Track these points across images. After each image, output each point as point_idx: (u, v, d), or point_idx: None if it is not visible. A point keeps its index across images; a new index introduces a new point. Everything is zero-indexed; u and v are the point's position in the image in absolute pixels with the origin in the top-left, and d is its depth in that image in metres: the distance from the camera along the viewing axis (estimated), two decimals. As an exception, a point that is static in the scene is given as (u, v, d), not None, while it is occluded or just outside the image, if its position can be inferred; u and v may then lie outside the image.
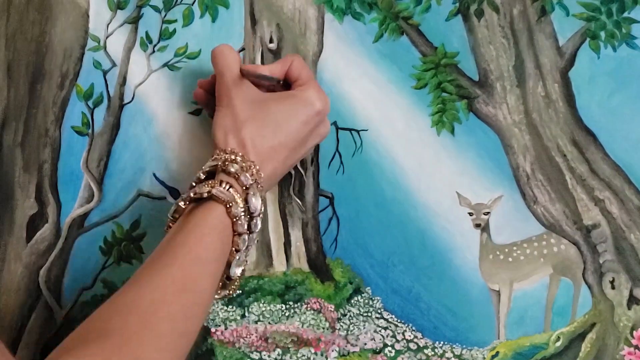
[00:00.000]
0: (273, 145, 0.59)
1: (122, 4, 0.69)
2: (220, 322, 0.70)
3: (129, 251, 0.70)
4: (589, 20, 0.68)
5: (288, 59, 0.64)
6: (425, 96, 0.69)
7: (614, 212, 0.68)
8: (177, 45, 0.70)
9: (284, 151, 0.60)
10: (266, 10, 0.70)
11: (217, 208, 0.55)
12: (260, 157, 0.59)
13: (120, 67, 0.70)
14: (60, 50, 0.69)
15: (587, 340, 0.69)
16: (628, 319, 0.69)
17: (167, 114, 0.70)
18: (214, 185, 0.56)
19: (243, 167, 0.57)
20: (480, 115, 0.69)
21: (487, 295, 0.69)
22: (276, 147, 0.60)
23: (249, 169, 0.57)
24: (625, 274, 0.69)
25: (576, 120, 0.68)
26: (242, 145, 0.58)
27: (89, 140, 0.70)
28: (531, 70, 0.68)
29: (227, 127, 0.60)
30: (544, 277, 0.70)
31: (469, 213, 0.69)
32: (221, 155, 0.58)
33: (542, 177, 0.69)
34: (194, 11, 0.69)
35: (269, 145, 0.59)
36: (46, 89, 0.69)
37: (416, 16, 0.69)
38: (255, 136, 0.59)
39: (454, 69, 0.69)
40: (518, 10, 0.68)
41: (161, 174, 0.70)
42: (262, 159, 0.59)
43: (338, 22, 0.69)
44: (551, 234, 0.69)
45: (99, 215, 0.70)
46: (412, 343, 0.70)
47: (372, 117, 0.69)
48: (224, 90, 0.61)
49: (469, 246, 0.69)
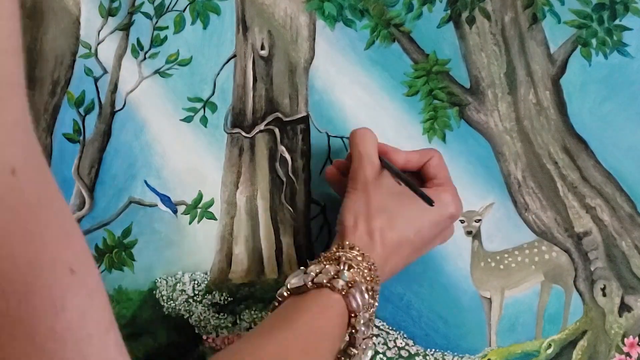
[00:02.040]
0: (401, 241, 0.59)
1: (113, 11, 0.69)
2: (212, 330, 0.70)
3: (120, 258, 0.70)
4: (580, 28, 0.68)
5: (429, 152, 0.64)
6: (417, 103, 0.69)
7: (605, 219, 0.69)
8: (169, 52, 0.69)
9: (409, 248, 0.60)
10: (257, 17, 0.69)
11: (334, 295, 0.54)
12: (387, 250, 0.58)
13: (112, 74, 0.70)
14: (52, 57, 0.69)
15: (579, 347, 0.69)
16: (619, 326, 0.69)
17: (158, 121, 0.70)
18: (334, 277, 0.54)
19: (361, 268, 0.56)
20: (471, 123, 0.69)
21: (478, 303, 0.70)
22: (403, 242, 0.59)
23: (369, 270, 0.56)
24: (616, 281, 0.69)
25: (567, 128, 0.68)
26: (371, 235, 0.58)
27: (80, 147, 0.70)
28: (522, 78, 0.68)
29: (358, 213, 0.59)
30: (535, 284, 0.70)
31: (460, 220, 0.69)
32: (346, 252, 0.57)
33: (534, 184, 0.69)
34: (185, 18, 0.69)
35: (397, 239, 0.59)
36: (37, 96, 0.69)
37: (408, 23, 0.69)
38: (385, 228, 0.58)
39: (446, 76, 0.69)
40: (509, 17, 0.68)
41: (152, 181, 0.70)
42: (388, 252, 0.58)
43: (329, 29, 0.69)
44: (542, 242, 0.69)
45: (90, 222, 0.70)
46: (404, 350, 0.70)
47: (364, 124, 0.69)
48: (361, 174, 0.60)
49: (461, 253, 0.69)
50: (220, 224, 0.70)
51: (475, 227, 0.69)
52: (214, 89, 0.69)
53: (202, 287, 0.70)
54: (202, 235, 0.70)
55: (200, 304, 0.70)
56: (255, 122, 0.70)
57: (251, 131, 0.70)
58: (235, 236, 0.70)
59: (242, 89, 0.70)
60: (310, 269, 0.55)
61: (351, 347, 0.54)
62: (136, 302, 0.70)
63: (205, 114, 0.70)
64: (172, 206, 0.70)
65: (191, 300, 0.70)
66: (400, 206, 0.59)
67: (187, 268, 0.70)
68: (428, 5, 0.68)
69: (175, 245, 0.70)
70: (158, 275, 0.70)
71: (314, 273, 0.55)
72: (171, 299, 0.70)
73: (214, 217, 0.70)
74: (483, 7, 0.68)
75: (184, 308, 0.70)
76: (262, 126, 0.70)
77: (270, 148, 0.70)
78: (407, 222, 0.59)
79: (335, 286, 0.53)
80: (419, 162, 0.64)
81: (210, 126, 0.70)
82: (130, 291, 0.70)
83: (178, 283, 0.70)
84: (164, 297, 0.70)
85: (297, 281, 0.55)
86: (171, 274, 0.70)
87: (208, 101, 0.69)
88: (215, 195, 0.70)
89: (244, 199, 0.70)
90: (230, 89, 0.70)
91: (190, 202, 0.70)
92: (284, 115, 0.70)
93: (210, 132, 0.70)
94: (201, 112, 0.70)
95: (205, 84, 0.69)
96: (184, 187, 0.70)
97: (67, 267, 0.33)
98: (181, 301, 0.70)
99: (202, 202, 0.70)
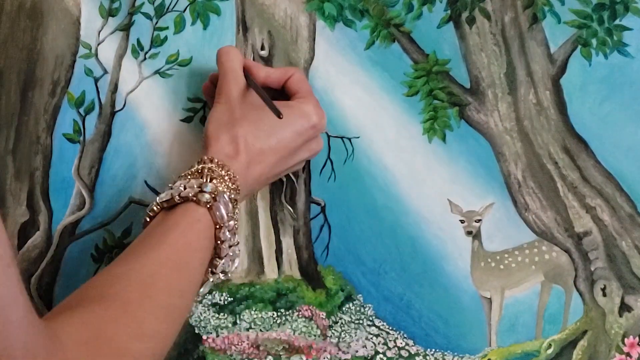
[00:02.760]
0: (263, 148, 0.60)
1: (113, 11, 0.69)
2: (212, 330, 0.70)
3: (121, 258, 0.70)
4: (580, 28, 0.68)
5: (290, 70, 0.66)
6: (417, 103, 0.69)
7: (606, 219, 0.68)
8: (169, 52, 0.69)
9: (273, 156, 0.61)
10: (257, 18, 0.70)
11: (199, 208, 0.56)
12: (250, 156, 0.59)
13: (112, 74, 0.70)
14: (52, 57, 0.69)
15: (579, 347, 0.69)
16: (619, 326, 0.69)
17: (158, 121, 0.70)
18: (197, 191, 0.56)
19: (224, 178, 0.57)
20: (471, 123, 0.69)
21: (478, 303, 0.69)
22: (266, 150, 0.60)
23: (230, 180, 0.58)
24: (616, 281, 0.69)
25: (568, 128, 0.68)
26: (235, 142, 0.59)
27: (81, 147, 0.70)
28: (522, 78, 0.68)
29: (222, 122, 0.61)
30: (535, 284, 0.70)
31: (461, 220, 0.69)
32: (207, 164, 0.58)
33: (534, 184, 0.69)
34: (185, 18, 0.69)
35: (259, 147, 0.60)
36: (37, 97, 0.69)
37: (408, 23, 0.69)
38: (248, 135, 0.60)
39: (446, 76, 0.69)
40: (509, 17, 0.68)
41: (152, 181, 0.70)
42: (251, 158, 0.59)
43: (329, 29, 0.69)
44: (542, 242, 0.69)
45: (91, 222, 0.70)
46: (404, 350, 0.70)
47: (364, 125, 0.69)
48: (225, 89, 0.62)
49: (461, 253, 0.69)
50: (221, 224, 0.70)
51: (476, 227, 0.69)
52: (214, 89, 0.69)
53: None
54: (202, 235, 0.70)
55: (200, 304, 0.70)
56: (255, 122, 0.70)
57: (251, 131, 0.70)
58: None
59: (242, 89, 0.70)
60: (176, 184, 0.57)
61: (217, 257, 0.57)
62: (136, 302, 0.70)
63: (206, 114, 0.70)
64: (172, 206, 0.70)
65: (191, 300, 0.70)
66: (263, 117, 0.61)
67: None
68: (428, 6, 0.68)
69: (175, 246, 0.70)
70: (158, 276, 0.70)
71: (182, 187, 0.56)
72: (171, 299, 0.70)
73: (214, 217, 0.70)
74: (483, 7, 0.68)
75: (184, 308, 0.70)
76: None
77: (270, 148, 0.70)
78: (270, 131, 0.61)
79: (201, 199, 0.55)
80: (279, 79, 0.65)
81: (210, 126, 0.69)
82: (131, 291, 0.70)
83: (178, 283, 0.70)
84: (164, 297, 0.70)
85: (165, 196, 0.56)
86: (171, 274, 0.70)
87: (208, 101, 0.69)
88: (215, 196, 0.70)
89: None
90: (230, 89, 0.70)
91: (191, 202, 0.70)
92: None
93: (211, 132, 0.69)
94: (201, 112, 0.70)
95: (206, 84, 0.69)
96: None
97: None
98: (181, 301, 0.70)
99: (202, 202, 0.70)
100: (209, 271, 0.57)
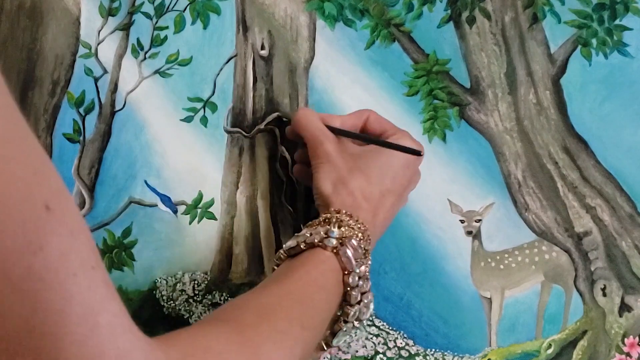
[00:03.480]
0: (382, 192, 0.60)
1: (113, 11, 0.69)
2: (212, 330, 0.70)
3: (121, 258, 0.70)
4: (580, 28, 0.68)
5: (364, 113, 0.65)
6: (417, 103, 0.69)
7: (606, 219, 0.69)
8: (169, 52, 0.69)
9: (392, 196, 0.61)
10: (258, 17, 0.69)
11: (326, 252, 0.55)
12: (372, 204, 0.59)
13: (112, 74, 0.70)
14: (52, 57, 0.69)
15: (579, 347, 0.69)
16: (619, 326, 0.69)
17: (158, 121, 0.70)
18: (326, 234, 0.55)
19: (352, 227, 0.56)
20: (471, 123, 0.69)
21: (478, 303, 0.70)
22: (385, 192, 0.60)
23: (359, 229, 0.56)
24: (616, 281, 0.69)
25: (568, 128, 0.68)
26: (352, 195, 0.58)
27: (80, 147, 0.70)
28: (523, 78, 0.68)
29: (333, 180, 0.59)
30: (535, 284, 0.70)
31: (461, 220, 0.69)
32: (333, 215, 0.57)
33: (534, 184, 0.69)
34: (185, 18, 0.69)
35: (378, 192, 0.59)
36: (37, 96, 0.69)
37: (408, 23, 0.69)
38: (363, 185, 0.59)
39: (446, 76, 0.69)
40: (510, 17, 0.68)
41: (152, 181, 0.70)
42: (374, 206, 0.59)
43: (330, 28, 0.69)
44: (542, 242, 0.69)
45: (90, 222, 0.70)
46: (404, 350, 0.70)
47: (364, 124, 0.69)
48: (320, 149, 0.61)
49: (461, 253, 0.69)
50: (220, 224, 0.70)
51: (476, 227, 0.69)
52: (214, 89, 0.69)
53: (202, 287, 0.70)
54: (202, 235, 0.70)
55: (200, 304, 0.70)
56: (255, 122, 0.70)
57: (251, 131, 0.70)
58: (235, 236, 0.70)
59: (242, 89, 0.70)
60: (302, 232, 0.57)
61: (348, 305, 0.55)
62: (136, 302, 0.70)
63: (206, 114, 0.70)
64: (172, 206, 0.70)
65: (191, 300, 0.70)
66: (368, 163, 0.60)
67: (187, 268, 0.70)
68: (428, 5, 0.68)
69: (175, 245, 0.70)
70: (158, 275, 0.70)
71: (308, 234, 0.56)
72: (171, 299, 0.70)
73: (214, 217, 0.70)
74: (483, 7, 0.68)
75: (184, 308, 0.70)
76: (262, 126, 0.70)
77: (270, 148, 0.70)
78: (381, 173, 0.60)
79: (327, 245, 0.54)
80: (355, 124, 0.64)
81: (210, 126, 0.70)
82: (130, 291, 0.70)
83: (178, 283, 0.70)
84: (164, 297, 0.70)
85: (291, 243, 0.56)
86: (171, 274, 0.70)
87: (208, 101, 0.69)
88: (215, 195, 0.70)
89: (244, 199, 0.70)
90: (230, 89, 0.70)
91: (190, 202, 0.70)
92: (284, 115, 0.70)
93: (210, 132, 0.70)
94: (201, 112, 0.70)
95: (206, 84, 0.69)
96: (184, 187, 0.70)
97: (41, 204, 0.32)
98: (181, 301, 0.70)
99: (202, 202, 0.70)
100: (342, 320, 0.56)
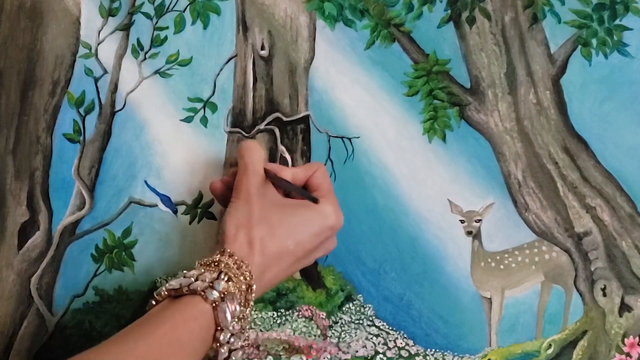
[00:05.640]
0: (281, 251, 0.59)
1: (113, 11, 0.69)
2: (212, 330, 0.70)
3: (121, 258, 0.70)
4: (580, 28, 0.68)
5: (313, 166, 0.65)
6: (417, 103, 0.69)
7: (606, 219, 0.68)
8: (169, 52, 0.69)
9: (289, 259, 0.59)
10: (258, 17, 0.69)
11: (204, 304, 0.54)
12: (266, 260, 0.58)
13: (112, 74, 0.70)
14: (52, 57, 0.69)
15: (579, 347, 0.69)
16: (619, 326, 0.69)
17: (158, 121, 0.70)
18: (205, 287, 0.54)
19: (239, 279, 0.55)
20: (471, 123, 0.69)
21: (478, 303, 0.70)
22: (284, 253, 0.59)
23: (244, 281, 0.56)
24: (616, 281, 0.69)
25: (568, 128, 0.68)
26: (251, 244, 0.57)
27: (81, 147, 0.70)
28: (523, 78, 0.68)
29: (240, 222, 0.59)
30: (535, 284, 0.70)
31: (461, 220, 0.69)
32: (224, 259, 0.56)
33: (534, 184, 0.69)
34: (185, 18, 0.69)
35: (277, 250, 0.58)
36: (37, 96, 0.69)
37: (408, 23, 0.69)
38: (265, 238, 0.58)
39: (446, 76, 0.69)
40: (510, 17, 0.68)
41: (152, 181, 0.70)
42: (268, 261, 0.58)
43: (330, 29, 0.69)
44: (543, 242, 0.69)
45: (91, 222, 0.70)
46: (404, 350, 0.70)
47: (364, 125, 0.69)
48: (245, 184, 0.60)
49: (461, 253, 0.69)
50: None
51: (476, 227, 0.69)
52: (214, 89, 0.69)
53: (202, 287, 0.70)
54: (202, 235, 0.70)
55: (200, 304, 0.70)
56: (255, 122, 0.70)
57: (251, 131, 0.70)
58: (235, 236, 0.70)
59: (242, 89, 0.70)
60: (190, 273, 0.55)
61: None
62: (136, 302, 0.70)
63: (206, 114, 0.70)
64: (172, 206, 0.70)
65: (191, 300, 0.70)
66: (281, 217, 0.59)
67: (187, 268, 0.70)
68: (428, 5, 0.68)
69: (175, 245, 0.70)
70: (158, 275, 0.70)
71: (193, 278, 0.54)
72: (171, 299, 0.70)
73: (214, 217, 0.70)
74: (483, 7, 0.68)
75: (184, 308, 0.70)
76: (262, 126, 0.70)
77: (270, 148, 0.70)
78: (288, 232, 0.59)
79: (208, 297, 0.53)
80: (304, 177, 0.64)
81: (210, 126, 0.70)
82: (131, 291, 0.70)
83: (178, 283, 0.70)
84: (164, 297, 0.70)
85: (175, 284, 0.54)
86: (171, 274, 0.70)
87: (208, 101, 0.69)
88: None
89: (244, 199, 0.70)
90: (230, 89, 0.70)
91: (190, 202, 0.70)
92: (284, 115, 0.70)
93: (210, 132, 0.70)
94: (201, 112, 0.70)
95: (206, 84, 0.69)
96: (184, 187, 0.70)
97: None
98: (181, 301, 0.70)
99: (202, 202, 0.70)
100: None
